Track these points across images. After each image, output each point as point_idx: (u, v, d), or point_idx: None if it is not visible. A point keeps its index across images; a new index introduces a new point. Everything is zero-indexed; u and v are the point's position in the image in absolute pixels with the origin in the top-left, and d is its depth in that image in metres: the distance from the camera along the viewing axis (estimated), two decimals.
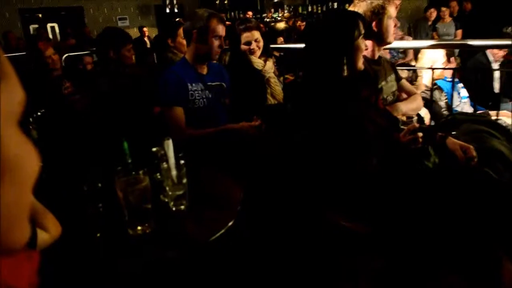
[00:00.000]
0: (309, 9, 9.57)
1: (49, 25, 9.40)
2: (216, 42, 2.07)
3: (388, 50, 3.69)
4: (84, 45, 6.99)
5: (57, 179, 1.28)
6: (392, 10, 1.92)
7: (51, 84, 2.96)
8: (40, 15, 9.14)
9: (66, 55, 4.33)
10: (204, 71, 2.18)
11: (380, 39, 1.95)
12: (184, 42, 2.55)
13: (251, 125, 1.98)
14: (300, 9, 9.61)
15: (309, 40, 1.64)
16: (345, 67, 1.58)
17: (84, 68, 4.40)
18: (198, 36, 2.06)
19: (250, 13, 8.49)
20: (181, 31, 2.67)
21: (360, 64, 1.63)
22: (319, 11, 9.50)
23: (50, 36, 9.08)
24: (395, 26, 1.96)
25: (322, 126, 1.51)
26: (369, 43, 1.94)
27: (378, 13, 1.89)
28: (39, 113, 1.99)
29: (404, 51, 3.26)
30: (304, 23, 7.84)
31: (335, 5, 9.27)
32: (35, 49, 3.10)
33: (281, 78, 3.50)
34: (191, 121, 2.07)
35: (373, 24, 1.90)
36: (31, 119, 1.91)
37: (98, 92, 2.59)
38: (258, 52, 2.67)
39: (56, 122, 2.13)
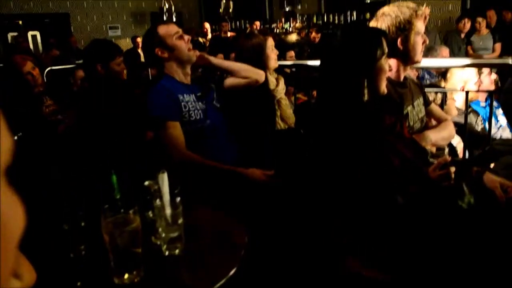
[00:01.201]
0: (325, 18, 9.73)
1: (30, 33, 9.62)
2: (180, 42, 2.19)
3: (421, 70, 3.72)
4: (69, 57, 7.15)
5: (33, 216, 1.29)
6: (420, 25, 1.95)
7: (31, 103, 3.00)
8: (20, 22, 9.37)
9: (49, 68, 4.42)
10: (189, 81, 2.29)
11: (406, 58, 1.98)
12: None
13: (263, 173, 2.01)
14: (314, 19, 9.77)
15: (325, 58, 1.67)
16: (365, 91, 1.60)
17: (71, 83, 4.47)
18: (162, 50, 2.17)
19: (257, 23, 8.65)
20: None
21: (383, 87, 1.65)
22: (336, 21, 9.66)
23: (31, 45, 9.29)
24: (423, 43, 1.99)
25: (339, 159, 1.52)
26: (393, 62, 1.96)
27: (404, 28, 1.92)
28: (15, 138, 2.02)
29: (445, 72, 3.27)
30: (319, 35, 7.95)
31: (354, 14, 9.43)
32: (11, 64, 3.14)
33: (292, 98, 3.54)
34: (190, 140, 2.12)
35: (398, 41, 1.94)
36: None
37: (84, 112, 2.63)
38: (275, 63, 2.74)
39: (34, 147, 2.16)
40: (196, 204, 1.50)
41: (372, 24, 1.97)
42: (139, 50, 8.74)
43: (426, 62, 2.70)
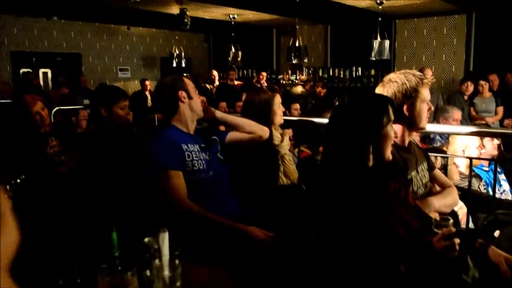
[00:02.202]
0: (330, 72, 9.95)
1: (41, 70, 9.84)
2: (196, 96, 2.31)
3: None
4: (78, 96, 7.27)
5: (27, 268, 1.27)
6: (426, 93, 1.99)
7: (36, 143, 3.02)
8: (33, 59, 9.60)
9: (57, 108, 4.48)
10: (193, 131, 2.33)
11: (411, 124, 2.01)
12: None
13: (264, 233, 1.99)
14: (320, 72, 9.99)
15: (333, 121, 1.69)
16: (371, 156, 1.61)
17: (76, 123, 4.53)
18: (184, 94, 2.26)
19: (264, 74, 8.83)
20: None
21: (388, 154, 1.66)
22: (341, 75, 9.87)
23: (41, 82, 9.47)
24: (429, 110, 2.02)
25: (341, 224, 1.50)
26: (398, 127, 1.98)
27: (410, 96, 1.95)
28: (18, 180, 2.01)
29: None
30: (324, 90, 8.10)
31: (359, 69, 9.65)
32: (20, 102, 3.19)
33: (296, 150, 3.56)
34: (192, 190, 2.12)
35: (404, 107, 1.97)
36: (8, 187, 1.93)
37: (86, 156, 2.64)
38: (281, 119, 2.78)
39: (36, 190, 2.15)
40: (192, 261, 1.47)
41: (379, 89, 2.01)
42: (147, 93, 8.89)
43: (431, 128, 2.73)
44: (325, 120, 3.51)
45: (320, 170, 1.76)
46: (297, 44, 8.03)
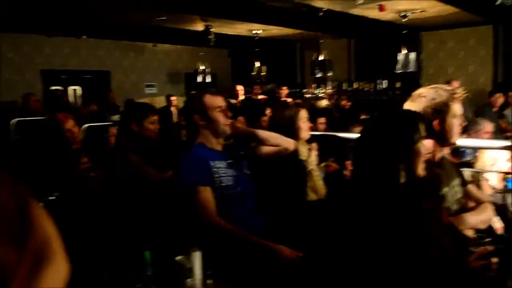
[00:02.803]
0: (354, 86, 9.89)
1: (71, 87, 10.12)
2: (220, 116, 2.25)
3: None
4: (106, 112, 7.43)
5: None
6: (457, 108, 1.95)
7: (68, 160, 3.09)
8: (63, 77, 9.88)
9: (87, 125, 4.58)
10: (220, 148, 2.34)
11: (442, 139, 1.96)
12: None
13: (293, 252, 1.97)
14: (344, 86, 9.94)
15: (363, 137, 1.67)
16: (402, 173, 1.58)
17: (106, 140, 4.61)
18: (201, 118, 2.24)
19: (284, 88, 8.84)
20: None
21: (420, 170, 1.62)
22: (365, 89, 9.79)
23: (71, 99, 9.73)
24: (460, 125, 1.98)
25: (371, 242, 1.47)
26: (429, 143, 1.94)
27: (441, 111, 1.92)
28: (52, 197, 2.06)
29: None
30: (349, 103, 8.05)
31: (384, 83, 9.56)
32: (53, 121, 3.27)
33: (322, 165, 3.53)
34: (220, 205, 2.13)
35: (435, 122, 1.93)
36: (42, 204, 1.98)
37: (128, 168, 2.69)
38: (306, 134, 2.77)
39: (68, 208, 2.20)
40: (225, 281, 1.46)
41: (408, 105, 1.98)
42: (172, 108, 9.01)
43: (462, 142, 2.67)
44: (351, 135, 3.50)
45: (350, 187, 1.74)
46: (320, 58, 8.04)
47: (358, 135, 1.70)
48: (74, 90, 10.19)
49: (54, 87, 9.51)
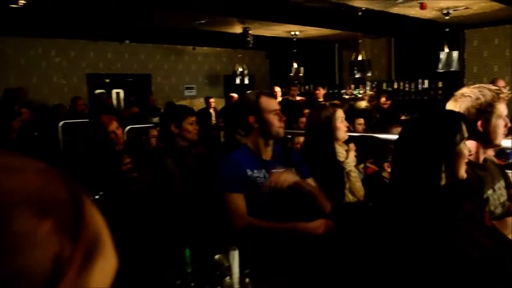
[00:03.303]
0: (395, 85, 9.69)
1: (114, 90, 10.46)
2: (275, 119, 2.22)
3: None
4: (147, 114, 7.63)
5: None
6: (502, 108, 1.88)
7: (112, 160, 3.20)
8: (107, 80, 10.23)
9: (129, 127, 4.72)
10: (268, 156, 2.29)
11: (486, 140, 1.90)
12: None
13: (325, 223, 1.98)
14: (384, 86, 9.76)
15: (403, 138, 1.64)
16: (443, 175, 1.54)
17: (146, 141, 4.75)
18: (255, 119, 2.21)
19: (321, 89, 8.77)
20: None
21: (462, 172, 1.58)
22: (406, 88, 9.58)
23: (114, 101, 10.05)
24: (505, 126, 1.91)
25: (411, 245, 1.45)
26: (472, 144, 1.89)
27: (485, 111, 1.85)
28: (97, 197, 2.14)
29: None
30: (389, 102, 7.90)
31: (426, 82, 9.32)
32: (98, 123, 3.40)
33: (361, 166, 3.49)
34: (254, 211, 2.13)
35: (479, 123, 1.87)
36: None
37: (164, 171, 2.75)
38: (344, 134, 2.73)
39: (112, 208, 2.27)
40: (263, 280, 1.48)
41: (450, 105, 1.93)
42: (211, 110, 9.14)
43: (507, 143, 2.57)
44: (390, 136, 3.44)
45: (389, 189, 1.72)
46: (359, 58, 7.94)
47: (398, 136, 1.68)
48: (117, 93, 10.52)
49: (98, 91, 9.86)
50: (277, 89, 8.81)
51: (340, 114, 2.74)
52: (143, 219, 2.21)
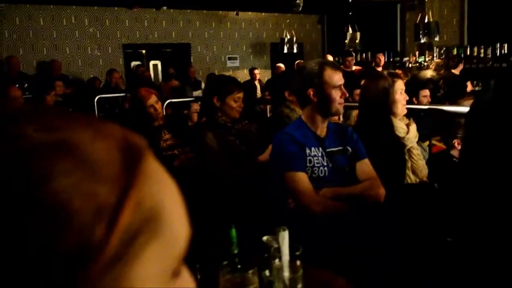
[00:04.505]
0: (468, 51, 9.30)
1: (151, 62, 10.68)
2: (336, 94, 2.20)
3: None
4: (187, 87, 7.77)
5: None
6: None
7: (150, 136, 3.31)
8: (143, 51, 10.45)
9: (168, 101, 4.85)
10: (323, 133, 2.29)
11: None
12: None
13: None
14: (454, 51, 9.39)
15: (476, 112, 1.61)
16: None
17: (188, 116, 4.86)
18: (315, 93, 2.20)
19: (381, 56, 8.57)
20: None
21: None
22: (481, 54, 9.17)
23: (152, 74, 10.29)
24: None
25: (485, 231, 1.44)
26: None
27: None
28: None
29: None
30: (459, 68, 7.60)
31: (505, 46, 8.89)
32: (136, 96, 3.50)
33: (426, 143, 3.42)
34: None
35: None
36: None
37: (204, 148, 2.81)
38: (403, 108, 2.70)
39: None
40: (314, 264, 1.51)
41: None
42: (256, 82, 9.17)
43: None
44: (460, 108, 3.34)
45: (458, 169, 1.69)
46: (426, 20, 7.66)
47: (469, 109, 1.64)
48: (155, 65, 10.74)
49: (134, 63, 10.10)
50: (330, 58, 8.70)
51: (400, 85, 2.70)
52: (186, 198, 2.29)
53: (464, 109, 2.80)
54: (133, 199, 0.32)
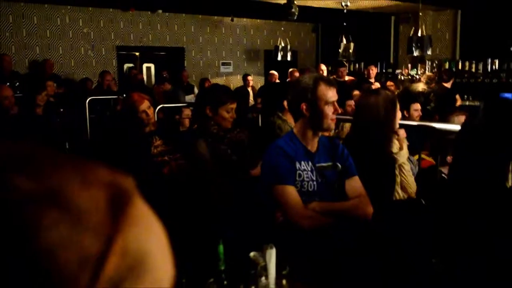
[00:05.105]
0: (459, 66, 9.38)
1: (145, 65, 10.65)
2: (329, 110, 2.21)
3: None
4: (179, 92, 7.76)
5: None
6: None
7: (141, 143, 3.29)
8: (137, 54, 10.42)
9: (160, 106, 4.83)
10: (314, 148, 2.29)
11: None
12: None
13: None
14: (446, 65, 9.46)
15: (465, 131, 1.62)
16: (510, 176, 1.52)
17: (179, 122, 4.84)
18: (308, 108, 2.20)
19: (373, 67, 8.61)
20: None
21: None
22: (473, 69, 9.26)
23: (145, 77, 10.25)
24: None
25: (472, 251, 1.44)
26: None
27: None
28: None
29: None
30: (450, 82, 7.65)
31: (496, 62, 8.98)
32: (128, 101, 3.48)
33: (415, 158, 3.43)
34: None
35: None
36: None
37: (195, 156, 2.80)
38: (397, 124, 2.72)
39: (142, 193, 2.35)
40: (300, 282, 1.51)
41: None
42: (249, 89, 9.18)
43: None
44: (450, 126, 3.35)
45: (447, 186, 1.70)
46: (419, 34, 7.72)
47: (461, 127, 1.66)
48: (148, 68, 10.71)
49: (128, 65, 10.06)
50: (323, 68, 8.73)
51: (397, 102, 2.71)
52: (173, 207, 2.28)
53: (454, 127, 2.82)
54: (118, 246, 0.32)
